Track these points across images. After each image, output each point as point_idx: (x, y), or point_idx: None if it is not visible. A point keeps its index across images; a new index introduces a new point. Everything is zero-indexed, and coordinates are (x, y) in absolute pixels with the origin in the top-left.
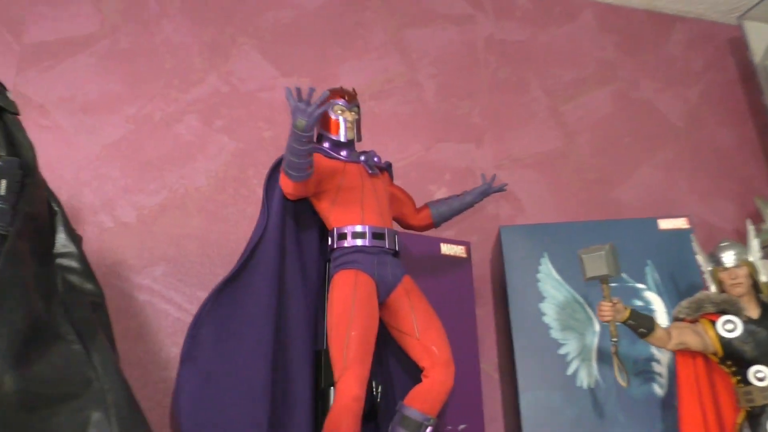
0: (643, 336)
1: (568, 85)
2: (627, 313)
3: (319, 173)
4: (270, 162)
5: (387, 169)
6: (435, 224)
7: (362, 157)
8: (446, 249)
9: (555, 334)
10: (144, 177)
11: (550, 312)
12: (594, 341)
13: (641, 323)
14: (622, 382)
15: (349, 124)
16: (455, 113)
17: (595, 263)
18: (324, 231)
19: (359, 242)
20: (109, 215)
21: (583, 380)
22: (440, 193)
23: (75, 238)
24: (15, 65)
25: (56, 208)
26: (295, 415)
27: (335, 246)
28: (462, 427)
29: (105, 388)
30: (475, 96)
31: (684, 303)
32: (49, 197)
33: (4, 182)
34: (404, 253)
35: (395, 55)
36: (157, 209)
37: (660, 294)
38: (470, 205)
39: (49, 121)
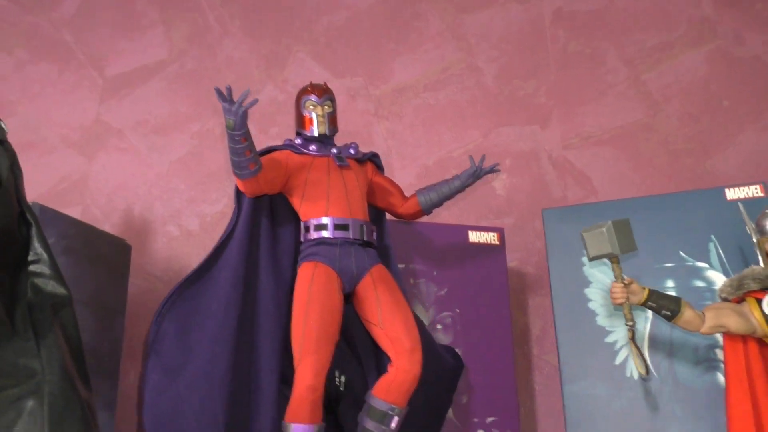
0: (668, 319)
1: (653, 50)
2: (644, 294)
3: (286, 170)
4: None
5: (372, 159)
6: (425, 211)
7: (334, 150)
8: (475, 237)
9: (601, 321)
10: (207, 188)
11: (596, 297)
12: (646, 327)
13: (663, 305)
14: (642, 371)
15: (320, 119)
16: (518, 95)
17: (597, 241)
18: None
19: (322, 234)
20: (176, 225)
21: (634, 370)
22: (499, 181)
23: (47, 246)
24: (98, 97)
25: (31, 220)
26: (261, 409)
27: (302, 239)
28: (490, 419)
29: (46, 379)
30: (540, 75)
31: (727, 281)
32: (25, 210)
33: None
34: (428, 243)
35: (452, 42)
36: (218, 216)
37: (726, 273)
38: (460, 189)
39: (126, 144)
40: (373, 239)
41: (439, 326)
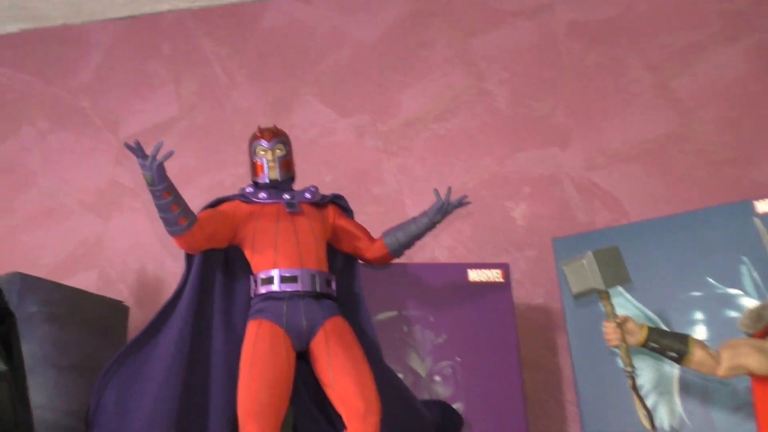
0: (676, 361)
1: (681, 53)
2: (643, 334)
3: (233, 221)
4: None
5: (336, 202)
6: (393, 253)
7: (285, 195)
8: (476, 275)
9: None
10: None
11: None
12: (674, 370)
13: (667, 345)
14: (647, 425)
15: (271, 164)
16: (533, 116)
17: (579, 275)
18: None
19: (270, 288)
20: None
21: (663, 419)
22: (518, 211)
23: None
24: (113, 159)
25: None
26: None
27: (252, 295)
28: None
29: None
30: (557, 92)
31: (746, 311)
32: None
33: None
34: (423, 286)
35: (460, 68)
36: None
37: (763, 299)
38: (429, 227)
39: (140, 204)
40: (330, 290)
41: (437, 378)
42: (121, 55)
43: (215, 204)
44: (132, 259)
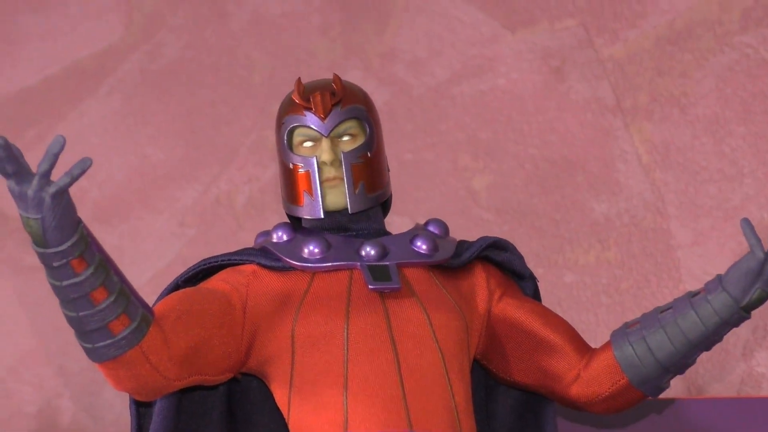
0: None
1: None
2: None
3: (242, 318)
4: None
5: (489, 258)
6: (640, 387)
7: (367, 248)
8: None
9: None
10: None
11: None
12: None
13: None
14: None
15: (330, 173)
16: None
17: None
18: None
19: None
20: None
21: None
22: None
23: None
24: None
25: None
26: None
27: None
28: None
29: None
30: None
31: None
32: None
33: None
34: None
35: None
36: None
37: None
38: (731, 321)
39: None
40: None
41: None
42: None
43: (198, 276)
44: None
